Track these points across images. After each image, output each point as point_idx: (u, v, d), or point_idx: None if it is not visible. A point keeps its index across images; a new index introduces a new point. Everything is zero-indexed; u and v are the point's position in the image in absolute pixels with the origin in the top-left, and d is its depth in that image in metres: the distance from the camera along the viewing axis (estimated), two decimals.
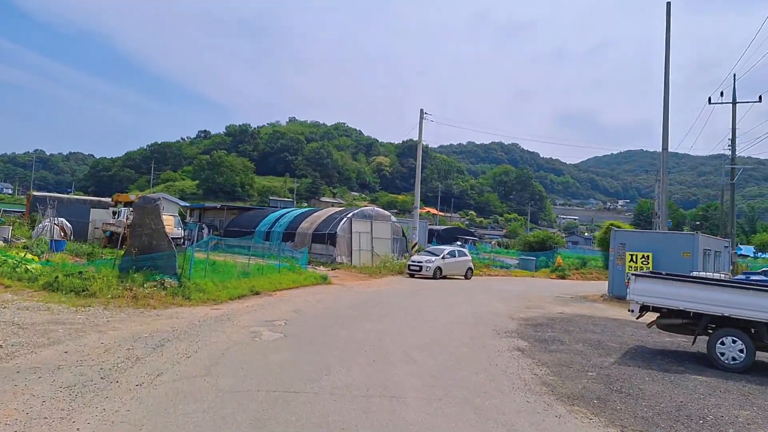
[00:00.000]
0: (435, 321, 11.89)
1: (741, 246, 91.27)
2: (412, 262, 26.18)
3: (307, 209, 35.80)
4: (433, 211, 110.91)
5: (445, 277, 26.16)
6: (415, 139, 29.06)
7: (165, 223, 16.69)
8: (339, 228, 27.78)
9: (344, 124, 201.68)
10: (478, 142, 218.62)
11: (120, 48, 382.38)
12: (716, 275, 17.99)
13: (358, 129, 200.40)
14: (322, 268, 26.23)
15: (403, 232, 30.76)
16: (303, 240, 29.48)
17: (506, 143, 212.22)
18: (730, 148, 27.57)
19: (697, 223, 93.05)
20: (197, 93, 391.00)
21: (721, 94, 28.09)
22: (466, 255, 27.63)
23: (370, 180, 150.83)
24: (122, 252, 14.76)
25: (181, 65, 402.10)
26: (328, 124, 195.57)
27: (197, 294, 13.15)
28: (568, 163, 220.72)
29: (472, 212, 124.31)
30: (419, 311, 13.48)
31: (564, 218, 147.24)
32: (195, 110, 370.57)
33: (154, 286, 12.64)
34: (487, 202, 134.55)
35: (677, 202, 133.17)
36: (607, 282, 30.98)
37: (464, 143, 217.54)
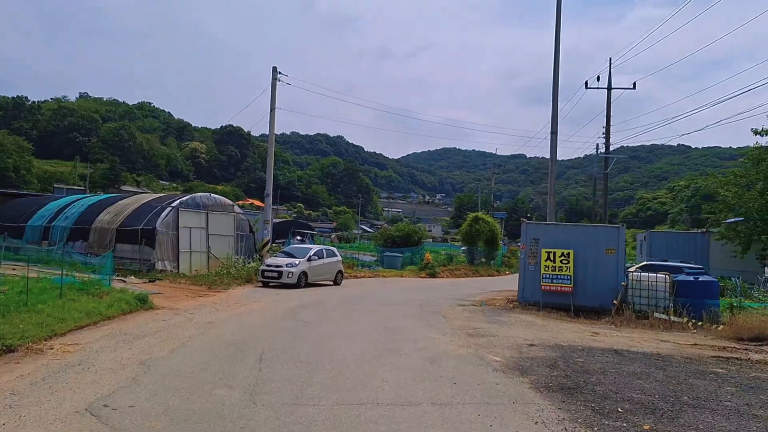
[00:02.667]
0: (403, 403, 6.01)
1: None
2: (268, 266, 19.58)
3: (107, 196, 26.45)
4: (257, 203, 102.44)
5: (310, 285, 20.14)
6: (236, 125, 22.57)
7: None
8: (159, 222, 19.80)
9: (150, 103, 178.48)
10: (302, 133, 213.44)
11: None
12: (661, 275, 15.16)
13: (167, 110, 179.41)
14: (134, 279, 18.27)
15: (250, 226, 23.70)
16: (102, 239, 20.74)
17: (331, 135, 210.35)
18: (604, 135, 26.53)
19: (513, 215, 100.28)
20: None
21: (598, 78, 26.94)
22: (335, 255, 21.87)
23: (183, 168, 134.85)
24: None
25: None
26: (130, 103, 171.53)
27: None
28: (390, 157, 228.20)
29: (300, 204, 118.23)
30: (342, 373, 7.41)
31: (389, 211, 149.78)
32: None
33: None
34: (316, 194, 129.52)
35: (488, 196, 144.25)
36: (482, 280, 28.20)
37: (288, 133, 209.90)
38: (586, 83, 26.94)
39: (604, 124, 26.92)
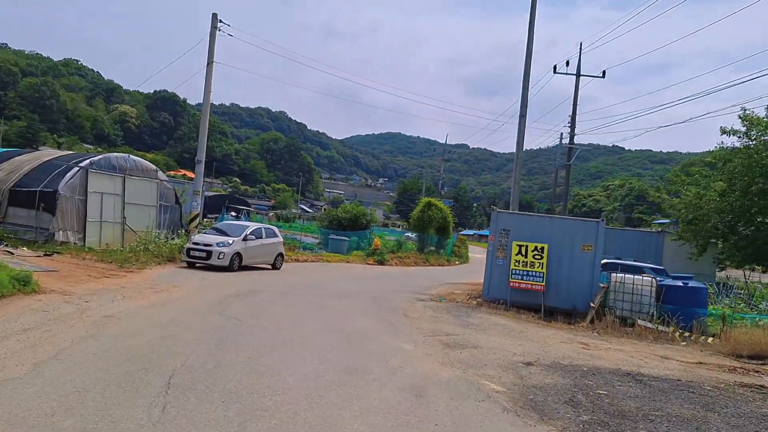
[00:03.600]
0: None
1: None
2: (195, 244, 16.69)
3: (2, 150, 22.33)
4: (190, 174, 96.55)
5: (245, 268, 17.46)
6: (170, 90, 19.51)
7: None
8: (63, 184, 16.38)
9: (77, 61, 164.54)
10: (242, 105, 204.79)
11: None
12: (645, 278, 13.64)
13: (96, 70, 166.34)
14: (26, 251, 15.00)
15: (177, 197, 20.44)
16: None
17: (273, 110, 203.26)
18: (569, 124, 25.23)
19: (455, 204, 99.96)
20: None
21: (567, 63, 25.47)
22: (276, 235, 19.16)
23: (110, 132, 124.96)
24: None
25: None
26: (55, 59, 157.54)
27: None
28: (334, 138, 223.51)
29: (237, 179, 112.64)
30: (291, 418, 5.04)
31: (330, 192, 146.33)
32: None
33: None
34: (254, 169, 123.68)
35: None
36: (434, 270, 25.99)
37: (227, 104, 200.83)
38: (555, 68, 25.48)
39: (570, 113, 25.63)
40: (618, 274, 13.65)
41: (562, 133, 29.20)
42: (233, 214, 52.14)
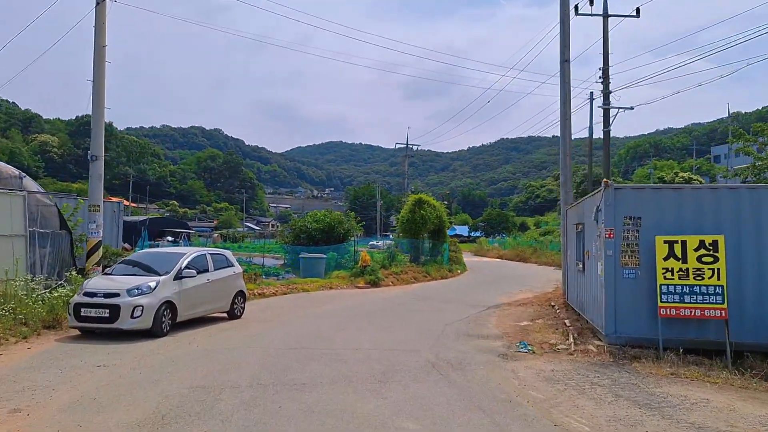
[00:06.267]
0: None
1: (455, 227, 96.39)
2: (90, 295, 9.34)
3: None
4: (125, 202, 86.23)
5: (182, 324, 10.24)
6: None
7: None
8: None
9: None
10: (174, 126, 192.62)
11: None
12: None
13: (11, 101, 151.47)
14: None
15: (62, 219, 12.66)
16: None
17: (207, 128, 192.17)
18: (601, 80, 19.44)
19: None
20: None
21: (591, 2, 19.66)
22: (230, 264, 11.93)
23: (30, 164, 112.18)
24: None
25: None
26: None
27: None
28: (274, 151, 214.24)
29: (174, 202, 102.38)
30: None
31: (276, 207, 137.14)
32: None
33: None
34: (192, 190, 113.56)
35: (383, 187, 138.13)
36: (444, 285, 18.22)
37: (158, 126, 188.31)
38: (576, 7, 19.66)
39: (601, 65, 19.85)
40: None
41: (592, 93, 23.50)
42: (170, 239, 43.69)
